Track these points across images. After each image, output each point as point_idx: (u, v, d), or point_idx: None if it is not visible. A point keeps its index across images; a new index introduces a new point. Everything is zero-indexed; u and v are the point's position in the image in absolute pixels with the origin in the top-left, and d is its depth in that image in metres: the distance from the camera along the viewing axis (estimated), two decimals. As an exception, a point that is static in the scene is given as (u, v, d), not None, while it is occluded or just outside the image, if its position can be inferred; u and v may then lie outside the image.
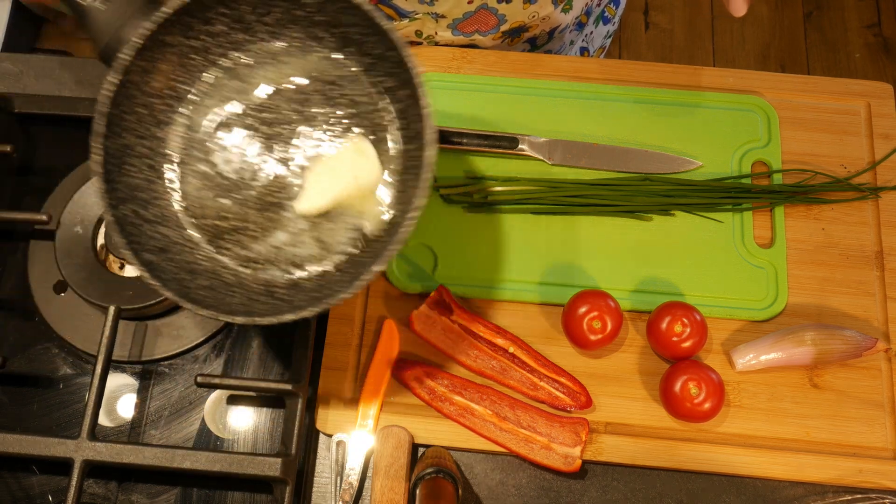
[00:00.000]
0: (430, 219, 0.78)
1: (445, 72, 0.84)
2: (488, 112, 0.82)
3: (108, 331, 0.70)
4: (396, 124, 0.63)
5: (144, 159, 0.62)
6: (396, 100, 0.63)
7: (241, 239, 0.63)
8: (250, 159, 0.64)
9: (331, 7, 0.62)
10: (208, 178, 0.63)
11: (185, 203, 0.63)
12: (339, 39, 0.64)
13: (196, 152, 0.64)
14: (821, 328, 0.72)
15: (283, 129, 0.64)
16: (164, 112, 0.63)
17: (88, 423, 0.67)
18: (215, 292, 0.60)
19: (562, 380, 0.71)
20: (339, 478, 0.70)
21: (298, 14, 0.63)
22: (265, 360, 0.75)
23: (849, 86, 0.84)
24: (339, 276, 0.61)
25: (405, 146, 0.62)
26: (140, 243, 0.57)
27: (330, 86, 0.65)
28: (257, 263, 0.62)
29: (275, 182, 0.64)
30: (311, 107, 0.64)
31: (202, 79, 0.65)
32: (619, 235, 0.78)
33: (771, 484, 0.70)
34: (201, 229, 0.62)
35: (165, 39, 0.61)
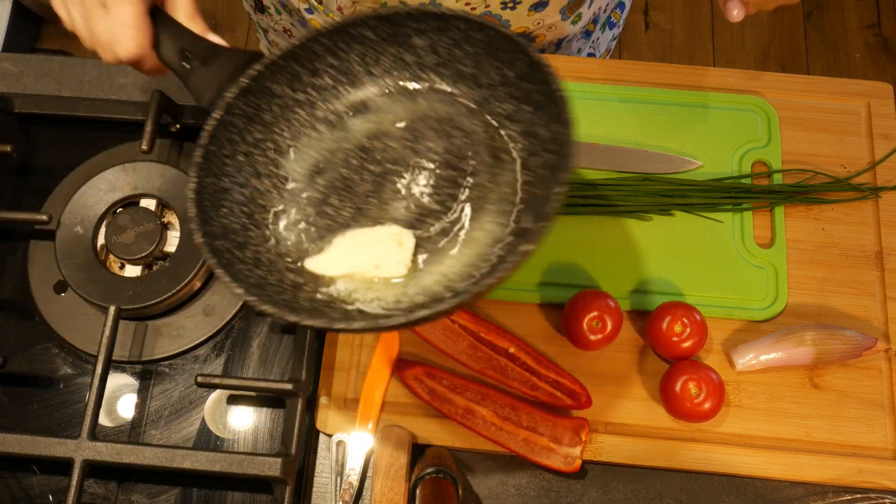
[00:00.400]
0: (431, 219, 0.78)
1: (445, 72, 0.84)
2: (488, 112, 0.82)
3: (108, 331, 0.70)
4: (520, 145, 0.59)
5: (241, 206, 0.59)
6: (518, 120, 0.60)
7: (348, 282, 0.57)
8: (354, 206, 0.60)
9: (442, 44, 0.60)
10: (309, 229, 0.60)
11: (283, 251, 0.59)
12: (451, 76, 0.62)
13: (296, 204, 0.61)
14: (821, 328, 0.72)
15: (393, 169, 0.60)
16: (264, 164, 0.61)
17: (88, 423, 0.67)
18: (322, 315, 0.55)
19: (562, 380, 0.71)
20: (339, 478, 0.70)
21: (408, 59, 0.61)
22: (265, 360, 0.75)
23: (849, 86, 0.84)
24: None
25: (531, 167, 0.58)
26: (236, 276, 0.53)
27: (439, 122, 0.62)
28: (365, 301, 0.56)
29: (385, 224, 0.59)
30: (421, 144, 0.61)
31: (305, 132, 0.62)
32: (619, 235, 0.78)
33: (771, 484, 0.70)
34: (301, 275, 0.57)
35: (272, 88, 0.60)
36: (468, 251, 0.56)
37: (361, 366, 0.73)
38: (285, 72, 0.60)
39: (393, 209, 0.59)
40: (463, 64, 0.61)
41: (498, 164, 0.59)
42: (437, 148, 0.60)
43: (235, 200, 0.59)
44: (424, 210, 0.58)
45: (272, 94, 0.61)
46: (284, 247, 0.59)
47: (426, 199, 0.59)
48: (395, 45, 0.61)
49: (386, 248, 0.57)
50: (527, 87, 0.58)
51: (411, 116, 0.62)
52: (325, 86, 0.63)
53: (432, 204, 0.59)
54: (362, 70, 0.62)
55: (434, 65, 0.62)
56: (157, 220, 0.74)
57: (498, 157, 0.60)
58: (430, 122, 0.62)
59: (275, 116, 0.61)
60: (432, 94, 0.63)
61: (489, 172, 0.59)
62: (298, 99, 0.62)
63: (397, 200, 0.59)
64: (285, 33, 0.99)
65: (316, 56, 0.61)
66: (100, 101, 0.81)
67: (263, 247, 0.58)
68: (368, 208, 0.59)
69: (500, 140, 0.60)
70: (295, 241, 0.59)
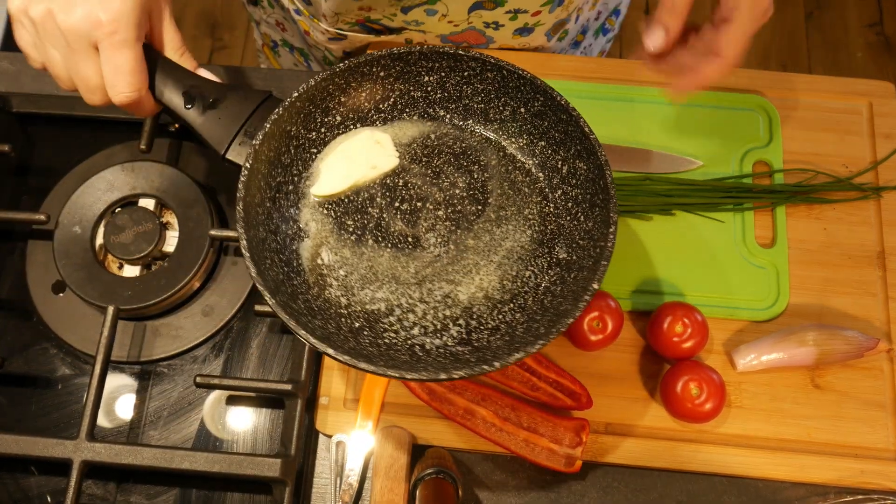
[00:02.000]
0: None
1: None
2: (488, 111, 0.82)
3: (106, 331, 0.70)
4: (538, 179, 0.63)
5: (278, 255, 0.59)
6: (533, 154, 0.63)
7: (404, 317, 0.58)
8: (388, 241, 0.61)
9: (452, 81, 0.61)
10: (346, 269, 0.60)
11: (329, 297, 0.59)
12: (461, 112, 0.63)
13: (328, 246, 0.61)
14: (822, 328, 0.72)
15: (419, 204, 0.62)
16: (287, 207, 0.61)
17: (87, 423, 0.67)
18: (399, 364, 0.55)
19: (562, 380, 0.71)
20: (338, 478, 0.70)
21: (417, 95, 0.63)
22: (264, 360, 0.75)
23: (850, 85, 0.84)
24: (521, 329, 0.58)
25: (553, 199, 0.62)
26: (307, 329, 0.53)
27: (455, 157, 0.63)
28: (427, 337, 0.58)
29: (424, 256, 0.60)
30: (444, 178, 0.63)
31: (319, 171, 0.63)
32: (619, 235, 0.77)
33: (772, 485, 0.70)
34: (354, 319, 0.58)
35: (290, 130, 0.60)
36: (495, 275, 0.59)
37: (361, 366, 0.73)
38: (300, 113, 0.61)
39: (429, 243, 0.60)
40: (472, 100, 0.62)
41: (521, 195, 0.62)
42: (459, 182, 0.62)
43: (272, 249, 0.59)
44: (456, 241, 0.61)
45: (289, 136, 0.61)
46: (331, 291, 0.59)
47: (455, 230, 0.61)
48: (405, 83, 0.62)
49: (370, 150, 0.62)
50: (542, 125, 0.60)
51: (427, 152, 0.64)
52: (337, 124, 0.63)
53: (462, 233, 0.61)
54: (371, 107, 0.63)
55: (442, 100, 0.63)
56: (155, 220, 0.74)
57: (519, 189, 0.62)
58: (446, 157, 0.63)
59: (291, 158, 0.62)
60: (443, 128, 0.65)
61: (517, 202, 0.62)
62: (311, 138, 0.62)
63: (432, 233, 0.61)
64: (278, 27, 0.98)
65: (328, 95, 0.61)
66: (98, 100, 0.81)
67: (310, 294, 0.59)
68: (405, 247, 0.60)
69: (517, 172, 0.63)
70: (342, 283, 0.60)
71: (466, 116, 0.64)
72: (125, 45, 0.55)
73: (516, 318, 0.58)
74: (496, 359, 0.51)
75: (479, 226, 0.61)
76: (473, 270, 0.60)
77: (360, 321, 0.58)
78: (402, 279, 0.59)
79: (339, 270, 0.60)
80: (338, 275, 0.60)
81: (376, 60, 0.60)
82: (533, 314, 0.58)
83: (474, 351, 0.56)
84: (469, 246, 0.60)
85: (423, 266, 0.60)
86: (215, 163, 0.80)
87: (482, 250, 0.60)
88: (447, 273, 0.59)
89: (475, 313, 0.58)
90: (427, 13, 0.78)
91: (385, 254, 0.60)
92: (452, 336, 0.57)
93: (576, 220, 0.60)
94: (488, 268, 0.60)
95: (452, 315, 0.58)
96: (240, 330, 0.75)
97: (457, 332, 0.58)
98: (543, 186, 0.62)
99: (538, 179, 0.62)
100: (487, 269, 0.60)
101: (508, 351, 0.53)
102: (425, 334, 0.58)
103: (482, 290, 0.59)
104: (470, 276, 0.59)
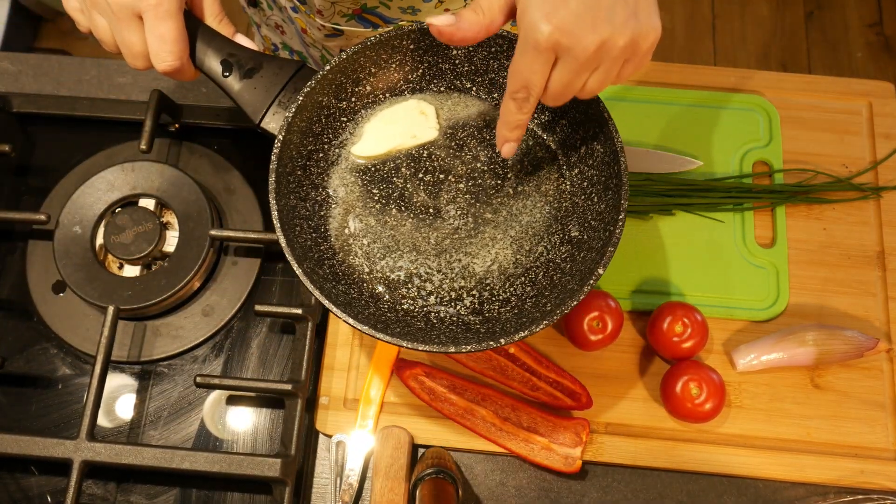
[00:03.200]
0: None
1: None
2: (488, 111, 0.82)
3: (106, 331, 0.70)
4: (557, 157, 0.64)
5: (307, 221, 0.61)
6: (554, 131, 0.64)
7: (422, 286, 0.61)
8: (411, 211, 0.63)
9: (479, 55, 0.63)
10: (370, 237, 0.63)
11: (353, 264, 0.62)
12: (487, 86, 0.65)
13: (354, 213, 0.63)
14: (822, 328, 0.72)
15: (442, 176, 0.64)
16: (318, 175, 0.64)
17: (87, 423, 0.67)
18: (414, 332, 0.59)
19: (562, 380, 0.71)
20: (338, 478, 0.70)
21: (445, 67, 0.64)
22: (264, 360, 0.75)
23: (850, 85, 0.84)
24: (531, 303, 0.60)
25: (570, 178, 0.63)
26: (329, 296, 0.56)
27: (478, 130, 0.65)
28: (442, 306, 0.61)
29: (444, 227, 0.63)
30: (467, 151, 0.64)
31: (347, 139, 0.65)
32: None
33: (772, 485, 0.70)
34: (376, 285, 0.61)
35: (321, 101, 0.62)
36: (510, 249, 0.62)
37: (361, 366, 0.73)
38: (332, 84, 0.62)
39: (448, 215, 0.62)
40: (498, 74, 0.64)
41: (541, 171, 0.64)
42: (481, 156, 0.64)
43: (301, 216, 0.61)
44: (475, 214, 0.63)
45: (321, 106, 0.63)
46: (356, 258, 0.62)
47: (475, 203, 0.63)
48: (434, 55, 0.64)
49: (414, 120, 0.64)
50: (565, 105, 0.60)
51: (451, 125, 0.65)
52: (367, 93, 0.65)
53: (481, 207, 0.63)
54: (400, 77, 0.65)
55: (469, 73, 0.65)
56: (155, 220, 0.74)
57: (539, 165, 0.64)
58: (469, 130, 0.65)
59: (322, 127, 0.64)
60: (468, 100, 0.66)
61: (537, 179, 0.63)
62: (342, 108, 0.64)
63: (452, 205, 0.63)
64: (277, 29, 0.98)
65: (360, 66, 0.63)
66: (98, 100, 0.81)
67: (335, 259, 0.61)
68: (427, 218, 0.62)
69: (539, 149, 0.64)
70: (366, 250, 0.62)
71: (492, 90, 0.65)
72: (168, 15, 0.57)
73: (527, 291, 0.61)
74: (504, 334, 0.54)
75: (498, 200, 0.63)
76: (490, 243, 0.62)
77: (381, 287, 0.61)
78: (422, 249, 0.62)
79: (364, 238, 0.62)
80: (362, 242, 0.62)
81: (407, 34, 0.62)
82: (542, 289, 0.60)
83: (485, 321, 0.59)
84: (487, 219, 0.62)
85: (442, 237, 0.62)
86: (216, 162, 0.80)
87: (500, 224, 0.62)
88: (465, 245, 0.62)
89: (489, 285, 0.61)
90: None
91: (407, 223, 0.62)
92: (466, 306, 0.60)
93: (590, 199, 0.62)
94: (504, 241, 0.62)
95: (467, 286, 0.61)
96: (240, 330, 0.75)
97: (470, 303, 0.60)
98: (562, 164, 0.64)
99: (557, 157, 0.64)
100: (504, 242, 0.62)
101: (516, 326, 0.56)
102: (440, 303, 0.60)
103: (497, 263, 0.61)
104: (486, 248, 0.62)
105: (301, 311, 0.70)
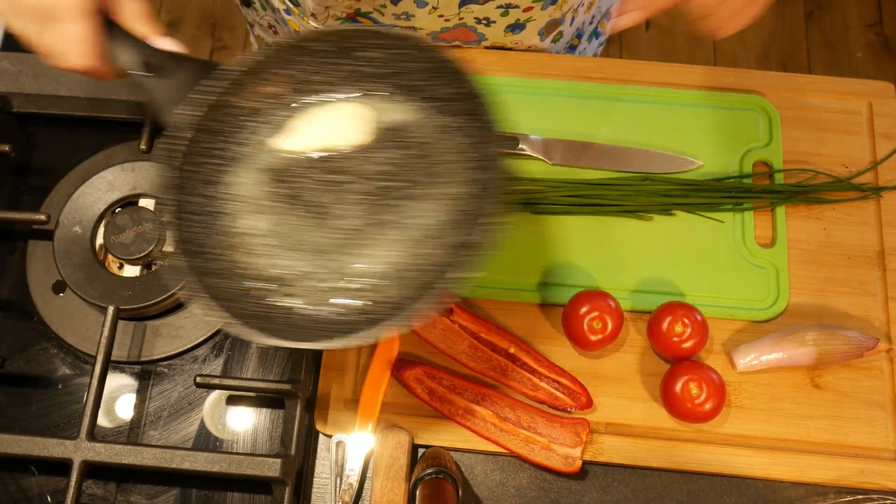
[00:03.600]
0: (430, 218, 0.78)
1: (445, 71, 0.84)
2: (488, 111, 0.82)
3: (106, 331, 0.70)
4: (465, 159, 0.63)
5: (195, 216, 0.61)
6: (465, 134, 0.63)
7: (309, 282, 0.61)
8: (308, 211, 0.62)
9: (398, 59, 0.63)
10: (264, 235, 0.62)
11: (246, 259, 0.61)
12: (397, 88, 0.64)
13: (253, 211, 0.63)
14: (822, 328, 0.72)
15: (345, 177, 0.63)
16: (220, 172, 0.63)
17: (87, 423, 0.67)
18: (291, 327, 0.58)
19: (562, 380, 0.71)
20: (338, 478, 0.70)
21: (366, 70, 0.64)
22: (265, 360, 0.75)
23: (850, 85, 0.84)
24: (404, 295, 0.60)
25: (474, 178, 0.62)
26: (205, 286, 0.57)
27: (389, 131, 0.64)
28: (325, 304, 0.60)
29: (339, 226, 0.62)
30: (368, 154, 0.64)
31: (255, 139, 0.64)
32: (619, 235, 0.77)
33: (772, 485, 0.70)
34: (265, 281, 0.60)
35: (229, 99, 0.62)
36: (401, 249, 0.60)
37: (361, 366, 0.73)
38: (241, 84, 0.62)
39: (346, 215, 0.62)
40: (406, 77, 0.63)
41: (449, 176, 0.62)
42: (390, 157, 0.63)
43: (200, 212, 0.61)
44: (372, 214, 0.62)
45: (228, 106, 0.63)
46: (243, 253, 0.61)
47: (373, 204, 0.62)
48: (352, 58, 0.64)
49: (341, 121, 0.64)
50: (470, 107, 0.61)
51: (361, 125, 0.65)
52: (275, 94, 0.64)
53: (379, 208, 0.62)
54: (315, 80, 0.65)
55: (377, 75, 0.64)
56: (156, 220, 0.74)
57: (449, 169, 0.62)
58: (385, 133, 0.64)
59: (230, 126, 0.63)
60: (378, 103, 0.65)
61: (441, 182, 0.62)
62: (253, 107, 0.64)
63: (352, 206, 0.62)
64: (270, 29, 0.98)
65: (269, 67, 0.63)
66: (99, 100, 0.81)
67: (221, 254, 0.61)
68: (322, 218, 0.62)
69: (450, 153, 0.63)
70: (254, 247, 0.62)
71: (411, 93, 0.64)
72: (81, 17, 0.58)
73: (410, 292, 0.59)
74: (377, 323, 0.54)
75: (396, 202, 0.62)
76: (383, 243, 0.61)
77: (271, 283, 0.60)
78: (316, 247, 0.61)
79: (260, 234, 0.62)
80: (257, 238, 0.62)
81: (323, 37, 0.62)
82: (425, 287, 0.59)
83: (368, 321, 0.58)
84: (384, 220, 0.61)
85: (337, 235, 0.61)
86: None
87: (396, 225, 0.61)
88: (358, 244, 0.61)
89: (376, 284, 0.60)
90: (418, 4, 0.77)
91: (304, 222, 0.62)
92: (350, 304, 0.59)
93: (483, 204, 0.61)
94: (397, 242, 0.61)
95: (355, 284, 0.60)
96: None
97: (355, 301, 0.59)
98: (470, 168, 0.62)
99: (461, 160, 0.63)
100: (396, 242, 0.61)
101: (392, 321, 0.55)
102: (325, 300, 0.59)
103: (388, 263, 0.60)
104: (379, 247, 0.61)
105: (301, 311, 0.70)
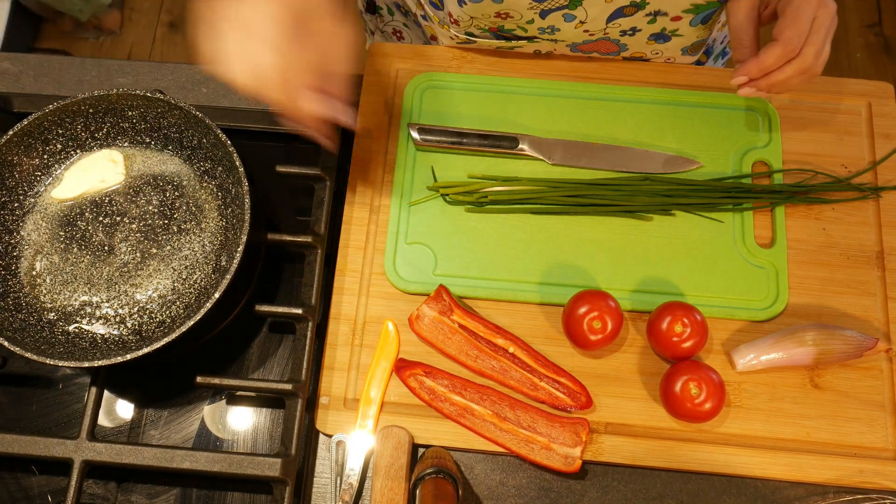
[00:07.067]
0: (431, 219, 0.78)
1: (445, 71, 0.84)
2: (488, 112, 0.82)
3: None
4: (217, 198, 0.74)
5: (1, 258, 0.71)
6: (214, 177, 0.74)
7: (92, 313, 0.71)
8: (89, 249, 0.72)
9: (151, 114, 0.74)
10: (53, 273, 0.71)
11: (38, 295, 0.71)
12: (161, 139, 0.76)
13: (42, 254, 0.72)
14: (821, 328, 0.72)
15: (118, 218, 0.74)
16: (13, 221, 0.73)
17: (88, 423, 0.67)
18: (76, 351, 0.68)
19: (562, 380, 0.71)
20: (338, 478, 0.70)
21: (125, 126, 0.75)
22: (265, 360, 0.75)
23: (849, 85, 0.84)
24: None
25: (227, 216, 0.74)
26: (4, 322, 0.67)
27: (154, 178, 0.75)
28: (107, 329, 0.70)
29: (115, 262, 0.72)
30: (140, 197, 0.74)
31: (42, 190, 0.75)
32: (619, 235, 0.77)
33: (771, 484, 0.70)
34: (53, 312, 0.71)
35: (10, 159, 0.72)
36: (170, 279, 0.72)
37: (361, 366, 0.73)
38: (20, 145, 0.72)
39: (121, 251, 0.72)
40: (169, 130, 0.75)
41: (203, 212, 0.74)
42: (154, 200, 0.74)
43: None
44: (143, 250, 0.73)
45: (11, 164, 0.72)
46: (40, 290, 0.72)
47: (143, 241, 0.73)
48: (113, 116, 0.75)
49: (105, 167, 0.75)
50: (218, 154, 0.73)
51: (131, 173, 0.75)
52: (57, 150, 0.75)
53: (149, 244, 0.73)
54: (87, 136, 0.75)
55: (146, 130, 0.76)
56: (155, 220, 0.74)
57: (202, 206, 0.74)
58: (147, 178, 0.75)
59: (16, 181, 0.73)
60: (147, 153, 0.76)
61: (198, 218, 0.74)
62: (35, 164, 0.74)
63: (125, 243, 0.73)
64: (394, 35, 0.98)
65: (46, 128, 0.73)
66: (99, 100, 0.81)
67: (21, 293, 0.71)
68: (102, 254, 0.72)
69: (203, 192, 0.75)
70: (49, 284, 0.72)
71: (167, 144, 0.76)
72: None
73: (180, 314, 0.71)
74: (152, 342, 0.64)
75: (163, 237, 0.73)
76: (154, 275, 0.72)
77: (57, 314, 0.71)
78: (95, 282, 0.72)
79: (48, 274, 0.72)
80: (46, 277, 0.72)
81: (83, 101, 0.73)
82: (193, 311, 0.67)
83: (141, 340, 0.69)
84: (153, 254, 0.72)
85: (113, 270, 0.72)
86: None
87: (164, 257, 0.72)
88: (132, 277, 0.72)
89: (149, 310, 0.71)
90: (565, 18, 0.76)
91: (85, 259, 0.72)
92: (128, 328, 0.70)
93: (238, 233, 0.70)
94: (165, 272, 0.72)
95: (130, 312, 0.71)
96: (240, 330, 0.75)
97: (132, 325, 0.70)
98: (220, 204, 0.74)
99: (217, 198, 0.74)
100: (165, 273, 0.72)
101: (164, 339, 0.65)
102: (107, 326, 0.70)
103: (157, 291, 0.71)
104: (150, 279, 0.72)
105: (301, 310, 0.70)
